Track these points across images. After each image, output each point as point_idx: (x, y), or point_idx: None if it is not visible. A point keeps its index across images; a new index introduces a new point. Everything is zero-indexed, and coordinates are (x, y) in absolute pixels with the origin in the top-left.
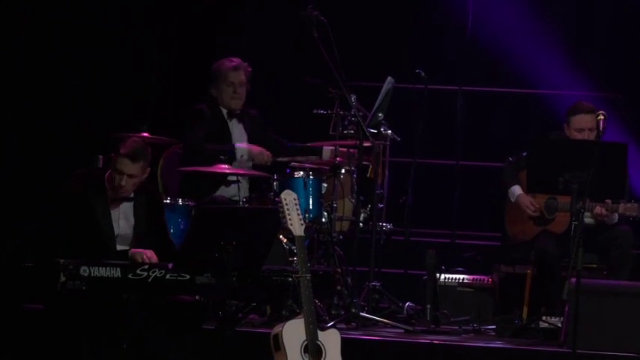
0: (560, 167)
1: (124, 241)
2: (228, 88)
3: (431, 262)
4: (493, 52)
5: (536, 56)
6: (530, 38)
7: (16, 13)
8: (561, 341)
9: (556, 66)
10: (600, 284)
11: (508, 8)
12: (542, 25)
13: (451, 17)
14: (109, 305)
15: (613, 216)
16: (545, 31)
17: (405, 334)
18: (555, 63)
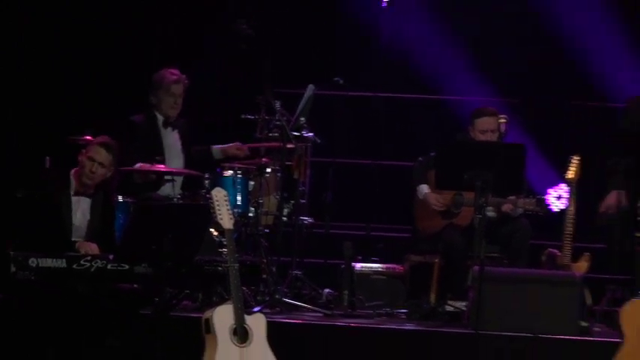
0: (465, 166)
1: (77, 234)
2: (169, 99)
3: (348, 252)
4: (407, 61)
5: (445, 64)
6: (440, 48)
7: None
8: (465, 323)
9: (462, 73)
10: (501, 272)
11: (420, 20)
12: (449, 35)
13: (369, 29)
14: (57, 293)
15: (517, 210)
16: (453, 41)
17: (324, 317)
18: (461, 70)
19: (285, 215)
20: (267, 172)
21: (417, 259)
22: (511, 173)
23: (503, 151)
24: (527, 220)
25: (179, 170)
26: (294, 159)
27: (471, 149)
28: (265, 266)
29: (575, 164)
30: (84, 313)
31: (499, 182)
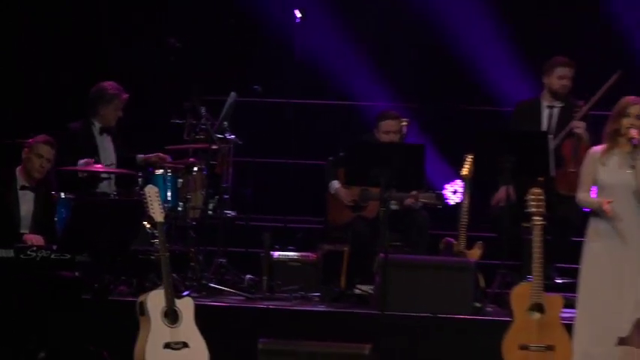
0: (371, 164)
1: (23, 225)
2: (115, 112)
3: (266, 242)
4: (317, 70)
5: (351, 73)
6: (346, 58)
7: None
8: (372, 305)
9: (367, 81)
10: (403, 258)
11: (329, 33)
12: (355, 46)
13: (284, 42)
14: (5, 281)
15: (418, 203)
16: (358, 51)
17: (245, 300)
18: (366, 78)
19: (211, 209)
20: (194, 171)
21: (329, 247)
22: (412, 170)
23: (405, 151)
24: (426, 212)
25: (119, 170)
26: (218, 159)
27: (376, 149)
28: (193, 255)
29: (468, 162)
30: (29, 299)
31: (401, 178)
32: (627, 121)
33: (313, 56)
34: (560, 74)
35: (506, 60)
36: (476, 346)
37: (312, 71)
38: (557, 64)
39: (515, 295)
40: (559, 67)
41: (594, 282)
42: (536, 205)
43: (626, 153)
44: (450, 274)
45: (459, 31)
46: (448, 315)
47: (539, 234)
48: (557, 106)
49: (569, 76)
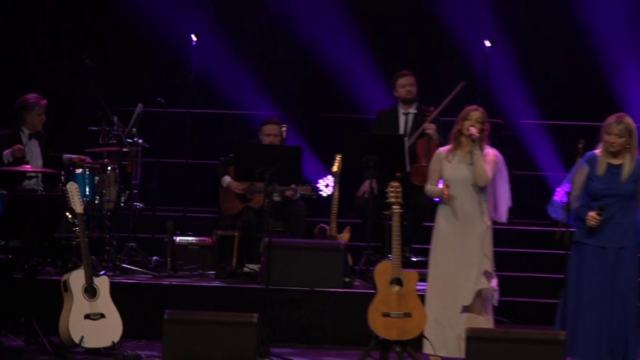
0: (257, 162)
1: None
2: (39, 117)
3: (170, 229)
4: (211, 84)
5: (239, 86)
6: (236, 73)
7: None
8: (259, 281)
9: (253, 93)
10: (285, 242)
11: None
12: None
13: (183, 60)
14: None
15: (296, 195)
16: (246, 67)
17: (153, 278)
18: (252, 91)
19: (122, 202)
20: (108, 170)
21: (222, 233)
22: (291, 168)
23: (285, 152)
24: (303, 202)
25: (45, 170)
26: (128, 159)
27: (261, 150)
28: (108, 240)
29: (338, 161)
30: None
31: (282, 174)
32: (468, 123)
33: (207, 73)
34: (402, 83)
35: (369, 75)
36: (346, 314)
37: (206, 85)
38: (398, 77)
39: (378, 271)
40: (400, 79)
41: (442, 259)
42: (395, 196)
43: (466, 152)
44: (323, 254)
45: (330, 51)
46: (323, 288)
47: (397, 220)
48: (411, 112)
49: (410, 83)
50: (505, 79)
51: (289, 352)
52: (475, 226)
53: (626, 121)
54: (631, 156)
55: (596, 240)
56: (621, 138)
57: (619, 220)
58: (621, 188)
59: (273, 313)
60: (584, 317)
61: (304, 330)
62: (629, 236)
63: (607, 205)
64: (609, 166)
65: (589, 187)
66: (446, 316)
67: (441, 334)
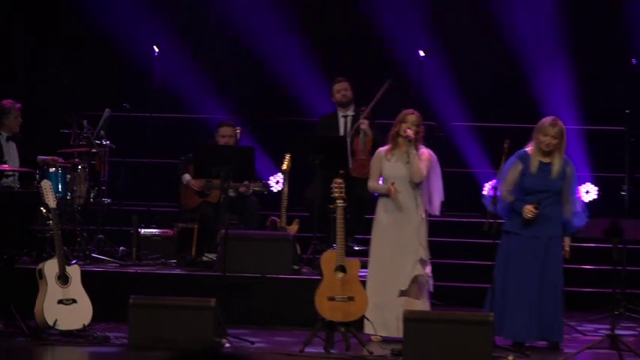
0: (214, 161)
1: None
2: (16, 120)
3: (135, 222)
4: (172, 91)
5: (199, 92)
6: (195, 81)
7: None
8: (216, 268)
9: (210, 98)
10: (239, 233)
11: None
12: (202, 72)
13: (147, 69)
14: None
15: (250, 190)
16: (205, 79)
17: (119, 266)
18: (210, 96)
19: (92, 197)
20: (79, 169)
21: (182, 225)
22: (245, 166)
23: (239, 152)
24: (256, 197)
25: (22, 169)
26: (97, 159)
27: (217, 150)
28: (79, 233)
29: (287, 159)
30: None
31: (237, 172)
32: (405, 125)
33: (168, 80)
34: (337, 89)
35: (314, 81)
36: (295, 298)
37: (167, 92)
38: (333, 83)
39: (324, 259)
40: (335, 85)
41: (381, 248)
42: (339, 191)
43: (403, 152)
44: (274, 244)
45: (280, 61)
46: (274, 275)
47: (341, 213)
48: (349, 115)
49: (344, 88)
50: (438, 85)
51: (244, 333)
52: (411, 218)
53: (560, 124)
54: (560, 155)
55: (530, 231)
56: (555, 139)
57: (549, 213)
58: (552, 185)
59: (229, 297)
60: (512, 301)
61: (257, 313)
62: (557, 227)
63: (540, 199)
64: (541, 164)
65: (523, 183)
66: (385, 299)
67: (381, 316)
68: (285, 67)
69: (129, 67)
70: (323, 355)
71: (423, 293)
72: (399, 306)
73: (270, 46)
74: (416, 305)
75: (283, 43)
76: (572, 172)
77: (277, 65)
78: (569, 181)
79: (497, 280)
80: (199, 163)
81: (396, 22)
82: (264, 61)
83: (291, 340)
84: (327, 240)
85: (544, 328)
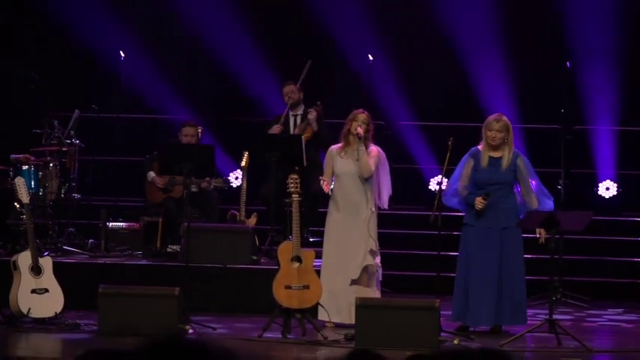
0: (177, 159)
1: None
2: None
3: (103, 216)
4: (137, 92)
5: (162, 93)
6: (158, 83)
7: None
8: (180, 259)
9: (174, 100)
10: (201, 226)
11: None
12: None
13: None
14: None
15: (211, 186)
16: (168, 78)
17: (89, 258)
18: (173, 98)
19: (63, 193)
20: (50, 166)
21: (148, 219)
22: (206, 163)
23: (201, 150)
24: (217, 193)
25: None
26: (67, 157)
27: (180, 148)
28: (51, 226)
29: (245, 157)
30: None
31: (198, 169)
32: (355, 124)
33: (134, 83)
34: (286, 92)
35: (270, 84)
36: (254, 287)
37: (133, 94)
38: (283, 86)
39: (281, 250)
40: (284, 88)
41: (334, 240)
42: (294, 186)
43: (354, 150)
44: (234, 236)
45: (239, 64)
46: (234, 265)
47: (297, 207)
48: (299, 114)
49: (291, 91)
50: (386, 86)
51: (207, 320)
52: (361, 212)
53: (504, 119)
54: (509, 149)
55: (483, 222)
56: (500, 133)
57: (501, 205)
58: (501, 177)
59: (192, 286)
60: (473, 289)
61: (219, 301)
62: (510, 218)
63: (491, 191)
64: (491, 158)
65: (475, 178)
66: (338, 287)
67: (335, 303)
68: (243, 68)
69: (97, 70)
70: (280, 340)
71: (373, 282)
72: (352, 294)
73: (228, 48)
74: (367, 293)
75: (241, 45)
76: (523, 164)
77: (235, 67)
78: (522, 172)
79: (460, 269)
80: (163, 160)
81: (346, 27)
82: (225, 63)
83: (250, 326)
84: (283, 232)
85: (505, 314)
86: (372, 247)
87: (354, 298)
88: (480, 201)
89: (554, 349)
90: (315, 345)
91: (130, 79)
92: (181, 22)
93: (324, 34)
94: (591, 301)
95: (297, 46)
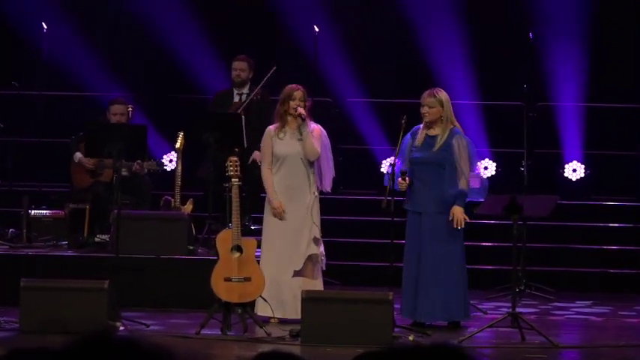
0: (106, 139)
1: None
2: None
3: (25, 203)
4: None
5: (88, 69)
6: (84, 58)
7: None
8: (109, 249)
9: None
10: (132, 213)
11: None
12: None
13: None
14: None
15: (144, 170)
16: (93, 52)
17: (10, 249)
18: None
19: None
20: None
21: (74, 206)
22: (137, 144)
23: (131, 130)
24: (149, 177)
25: None
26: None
27: (109, 128)
28: None
29: (180, 138)
30: None
31: (129, 151)
32: (294, 103)
33: (58, 58)
34: (234, 67)
35: (209, 57)
36: (191, 279)
37: (57, 69)
38: (232, 61)
39: (219, 239)
40: (233, 63)
41: (274, 227)
42: (234, 169)
43: (294, 130)
44: (168, 224)
45: (173, 36)
46: (168, 256)
47: (236, 192)
48: (244, 93)
49: (241, 68)
50: (333, 60)
51: (139, 316)
52: (304, 196)
53: (438, 93)
54: (444, 127)
55: (413, 206)
56: (432, 108)
57: (431, 188)
58: (432, 157)
59: (123, 279)
60: (406, 281)
61: (152, 295)
62: (442, 202)
63: (422, 172)
64: (426, 137)
65: (410, 157)
66: (281, 279)
67: (278, 297)
68: (179, 42)
69: (17, 44)
70: (220, 337)
71: (318, 272)
72: (296, 287)
73: (163, 21)
74: (313, 285)
75: (177, 18)
76: (460, 144)
77: (171, 41)
78: (459, 153)
79: (404, 259)
80: (91, 141)
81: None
82: (158, 36)
83: (187, 323)
84: (222, 219)
85: (442, 307)
86: (315, 235)
87: (298, 290)
88: (400, 182)
89: (517, 344)
90: (257, 342)
91: (53, 53)
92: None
93: (266, 3)
94: (557, 293)
95: (237, 17)
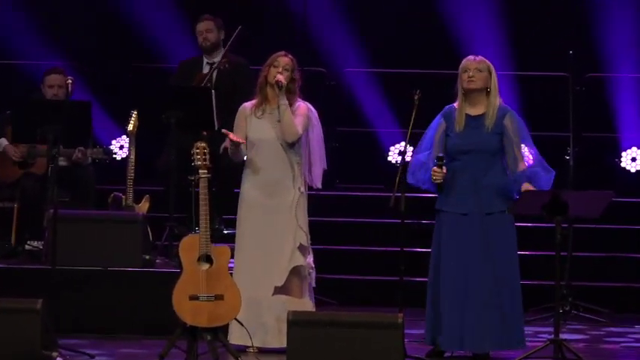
0: (38, 121)
1: None
2: None
3: None
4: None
5: (19, 34)
6: (18, 20)
7: None
8: (43, 260)
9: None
10: (72, 214)
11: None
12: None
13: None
14: None
15: (87, 159)
16: (29, 15)
17: None
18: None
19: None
20: None
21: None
22: (79, 126)
23: (71, 107)
24: (93, 167)
25: None
26: None
27: (43, 106)
28: None
29: (134, 118)
30: None
31: (69, 135)
32: (275, 70)
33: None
34: (199, 30)
35: (172, 20)
36: (147, 297)
37: None
38: (197, 22)
39: (183, 246)
40: (197, 24)
41: (249, 232)
42: (202, 158)
43: (274, 107)
44: (119, 227)
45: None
46: (119, 268)
47: (204, 187)
48: (215, 61)
49: (207, 29)
50: (328, 23)
51: (81, 344)
52: (287, 193)
53: (486, 60)
54: (493, 103)
55: (458, 206)
56: (482, 73)
57: (482, 182)
58: (483, 143)
59: (61, 297)
60: (446, 299)
61: (98, 317)
62: (497, 200)
63: (469, 163)
64: (468, 118)
65: (447, 145)
66: (260, 298)
67: (257, 320)
68: (136, 6)
69: None
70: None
71: (306, 289)
72: (280, 307)
73: None
74: (300, 305)
75: None
76: (513, 123)
77: (125, 4)
78: (510, 135)
79: (431, 272)
80: (19, 123)
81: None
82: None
83: (141, 352)
84: (187, 221)
85: (491, 334)
86: (301, 242)
87: (283, 312)
88: (435, 170)
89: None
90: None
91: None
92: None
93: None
94: (612, 315)
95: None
